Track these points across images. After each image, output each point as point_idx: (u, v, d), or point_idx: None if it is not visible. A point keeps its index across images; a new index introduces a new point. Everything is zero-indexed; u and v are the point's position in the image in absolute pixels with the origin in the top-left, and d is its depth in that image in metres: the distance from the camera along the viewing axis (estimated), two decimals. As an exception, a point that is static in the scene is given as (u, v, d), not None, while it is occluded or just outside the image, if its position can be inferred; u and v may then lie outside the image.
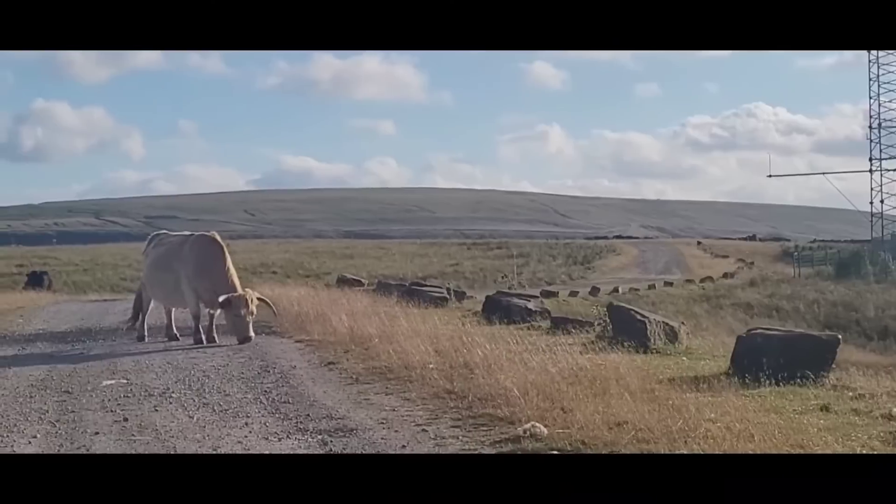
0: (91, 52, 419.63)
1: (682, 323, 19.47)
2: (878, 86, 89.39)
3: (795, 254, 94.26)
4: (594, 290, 61.74)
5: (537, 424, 10.81)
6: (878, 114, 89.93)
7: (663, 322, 18.23)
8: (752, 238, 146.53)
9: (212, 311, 20.31)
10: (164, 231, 23.27)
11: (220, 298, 19.59)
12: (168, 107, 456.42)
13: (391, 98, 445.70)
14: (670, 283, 69.86)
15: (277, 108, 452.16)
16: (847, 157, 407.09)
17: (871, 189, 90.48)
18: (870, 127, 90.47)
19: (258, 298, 20.28)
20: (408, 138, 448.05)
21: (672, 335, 17.84)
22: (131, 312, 22.62)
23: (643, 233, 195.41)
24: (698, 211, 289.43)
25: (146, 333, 21.41)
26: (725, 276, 77.18)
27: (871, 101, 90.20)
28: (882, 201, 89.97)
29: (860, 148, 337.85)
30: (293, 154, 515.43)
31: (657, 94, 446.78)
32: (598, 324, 19.49)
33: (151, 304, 21.95)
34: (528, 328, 21.48)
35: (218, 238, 20.94)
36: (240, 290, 19.99)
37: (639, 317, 17.97)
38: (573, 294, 58.21)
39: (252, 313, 19.86)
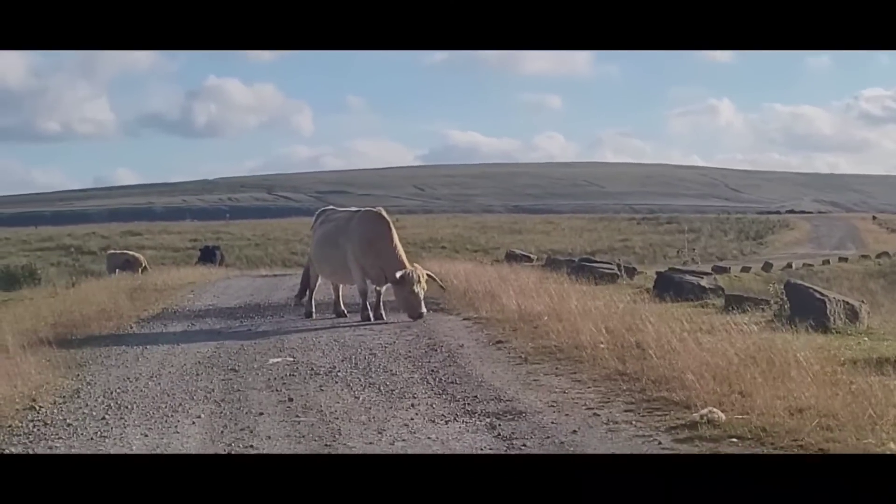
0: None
1: (862, 301, 18.67)
2: None
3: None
4: (767, 266, 60.71)
5: (715, 410, 10.30)
6: None
7: (843, 301, 17.54)
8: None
9: (378, 288, 20.11)
10: (332, 207, 23.09)
11: (397, 275, 19.32)
12: (336, 83, 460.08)
13: (558, 73, 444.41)
14: (845, 259, 68.39)
15: (444, 83, 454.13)
16: None
17: None
18: None
19: (427, 275, 20.00)
20: (575, 113, 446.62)
21: (853, 314, 17.15)
22: (299, 288, 22.54)
23: (816, 207, 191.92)
24: (873, 184, 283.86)
25: (314, 310, 21.28)
26: (902, 251, 75.32)
27: None
28: None
29: None
30: (460, 129, 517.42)
31: (829, 66, 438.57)
32: (776, 302, 18.88)
33: (319, 281, 21.79)
34: (701, 306, 20.98)
35: (384, 214, 20.68)
36: (408, 267, 19.71)
37: (818, 295, 17.31)
38: (745, 270, 57.23)
39: (424, 289, 19.59)
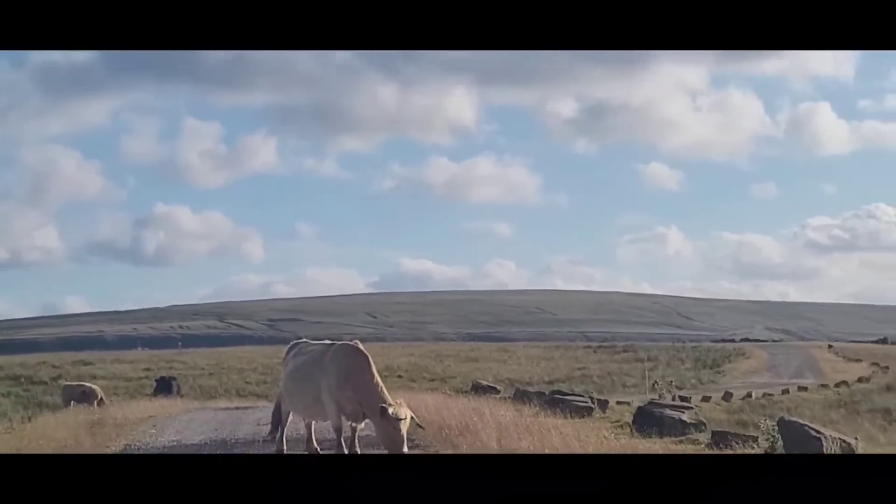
0: (208, 157, 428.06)
1: (856, 438, 18.17)
2: None
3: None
4: (727, 395, 60.47)
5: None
6: None
7: (840, 439, 17.04)
8: (884, 341, 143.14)
9: (354, 424, 19.40)
10: (305, 339, 22.33)
11: (390, 411, 18.52)
12: (285, 210, 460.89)
13: (506, 200, 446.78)
14: (804, 388, 68.11)
15: (394, 210, 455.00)
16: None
17: None
18: None
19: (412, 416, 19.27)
20: (525, 240, 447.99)
21: (849, 451, 16.64)
22: (270, 424, 21.82)
23: (768, 335, 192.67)
24: (824, 313, 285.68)
25: (285, 447, 20.54)
26: (861, 380, 75.09)
27: None
28: None
29: None
30: (411, 257, 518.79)
31: (775, 195, 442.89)
32: (766, 439, 18.32)
33: (291, 417, 21.06)
34: (686, 442, 20.41)
35: (362, 347, 19.98)
36: (391, 401, 18.93)
37: (813, 433, 16.81)
38: (706, 399, 56.80)
39: (407, 425, 18.80)
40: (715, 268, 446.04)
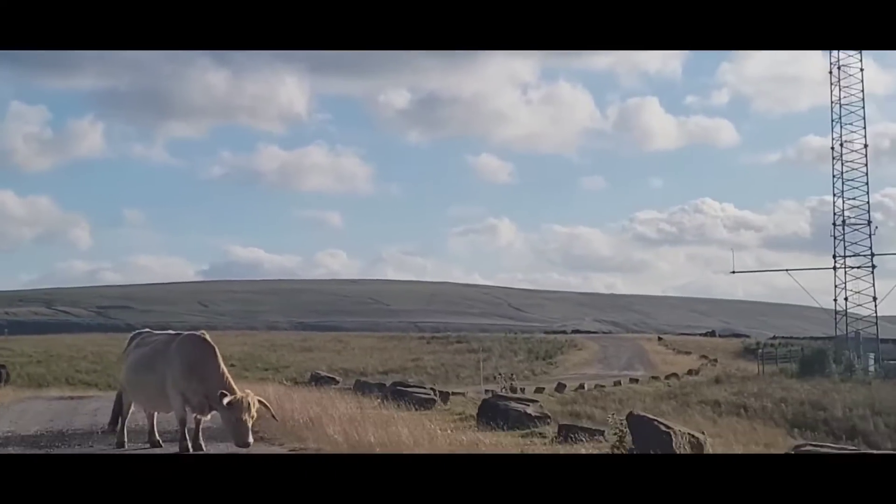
0: (33, 141, 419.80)
1: (703, 433, 18.30)
2: (843, 183, 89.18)
3: (760, 351, 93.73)
4: (560, 387, 61.07)
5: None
6: (843, 210, 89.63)
7: (688, 434, 17.13)
8: (712, 334, 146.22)
9: (199, 416, 19.02)
10: (147, 330, 21.77)
11: (225, 400, 18.13)
12: (113, 196, 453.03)
13: (338, 190, 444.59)
14: (636, 380, 69.21)
15: (224, 198, 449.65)
16: (795, 253, 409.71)
17: (836, 286, 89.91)
18: (833, 224, 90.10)
19: (259, 401, 18.90)
20: (357, 230, 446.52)
21: (698, 448, 16.75)
22: (111, 416, 21.29)
23: (597, 327, 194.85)
24: (652, 305, 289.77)
25: (126, 439, 20.04)
26: (690, 372, 76.60)
27: (836, 197, 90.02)
28: (846, 299, 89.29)
29: (807, 244, 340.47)
30: (242, 245, 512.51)
31: (604, 188, 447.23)
32: (614, 433, 18.35)
33: (132, 408, 20.57)
34: (531, 436, 20.40)
35: (208, 338, 19.56)
36: (238, 392, 18.56)
37: (663, 428, 16.86)
38: (539, 391, 57.24)
39: (253, 417, 18.43)
40: (545, 260, 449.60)
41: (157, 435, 19.93)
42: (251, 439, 18.17)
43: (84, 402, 30.39)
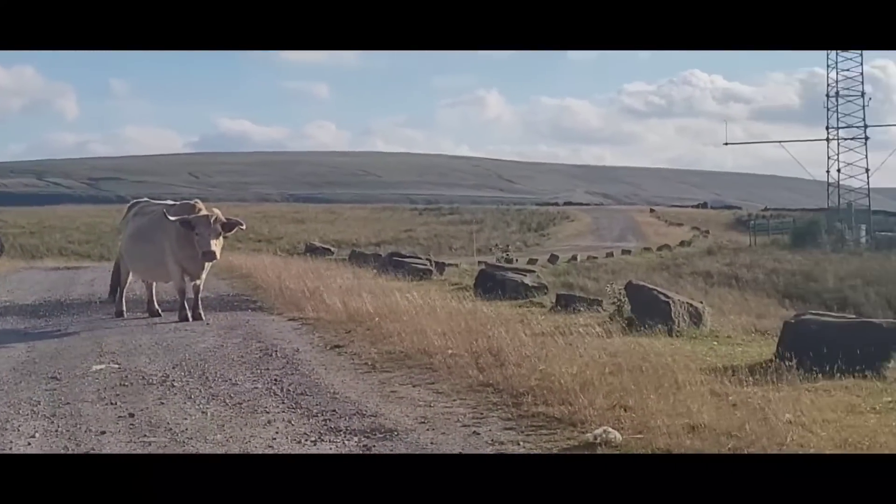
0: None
1: (701, 302, 18.32)
2: (837, 54, 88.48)
3: (752, 222, 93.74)
4: (553, 258, 61.31)
5: (609, 430, 9.50)
6: (836, 82, 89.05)
7: (687, 303, 17.14)
8: (704, 206, 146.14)
9: (197, 282, 19.04)
10: (146, 199, 21.63)
11: (173, 218, 18.36)
12: (98, 65, 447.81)
13: (323, 61, 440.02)
14: (628, 252, 69.41)
15: (210, 67, 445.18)
16: (785, 125, 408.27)
17: (828, 158, 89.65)
18: (827, 95, 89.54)
19: (228, 219, 19.00)
20: (344, 102, 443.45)
21: (696, 317, 16.77)
22: (110, 285, 21.28)
23: (589, 199, 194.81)
24: (643, 177, 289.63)
25: (125, 308, 20.03)
26: (682, 243, 76.75)
27: (829, 69, 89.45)
28: (839, 170, 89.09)
29: (797, 116, 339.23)
30: (230, 117, 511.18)
31: (592, 59, 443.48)
32: (612, 303, 18.38)
33: (131, 277, 20.54)
34: (529, 305, 20.42)
35: (202, 205, 19.49)
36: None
37: (662, 297, 16.86)
38: (532, 262, 57.13)
39: (217, 233, 18.52)
40: (534, 132, 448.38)
41: (156, 304, 19.92)
42: (213, 248, 18.36)
43: (80, 273, 30.39)
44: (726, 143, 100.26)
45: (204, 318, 18.76)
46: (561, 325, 16.31)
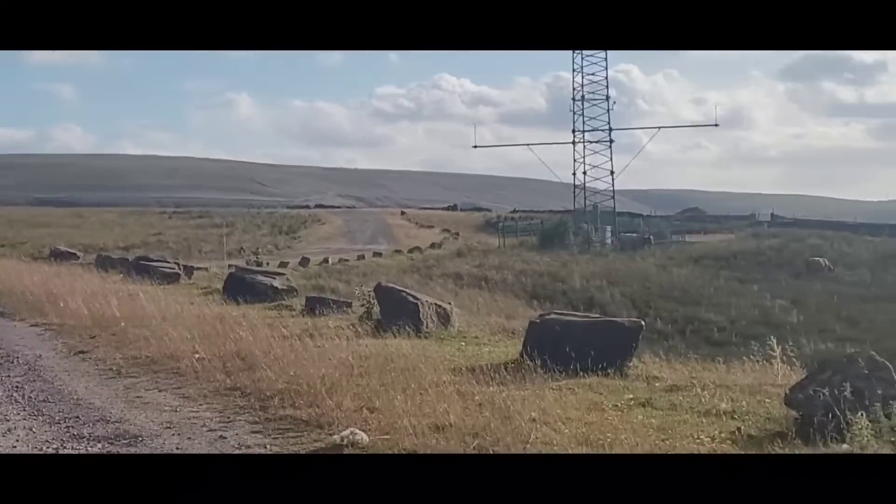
0: None
1: (450, 303, 18.51)
2: (582, 58, 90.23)
3: (501, 224, 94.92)
4: (304, 261, 61.01)
5: (356, 431, 9.54)
6: (582, 86, 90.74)
7: (435, 304, 17.32)
8: (454, 208, 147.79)
9: None
10: None
11: None
12: None
13: (67, 61, 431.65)
14: (379, 254, 69.46)
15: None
16: (532, 128, 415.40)
17: (574, 160, 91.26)
18: (573, 99, 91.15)
19: None
20: (91, 104, 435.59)
21: (445, 318, 16.96)
22: None
23: (340, 202, 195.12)
24: (394, 180, 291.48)
25: None
26: (433, 246, 77.28)
27: (575, 73, 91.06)
28: (585, 173, 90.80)
29: (543, 119, 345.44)
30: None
31: (341, 62, 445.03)
32: (362, 305, 18.44)
33: None
34: (280, 308, 20.36)
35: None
36: None
37: (411, 298, 17.00)
38: (283, 265, 56.89)
39: None
40: (285, 135, 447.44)
41: None
42: None
43: None
44: (475, 146, 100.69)
45: None
46: (311, 328, 16.32)
